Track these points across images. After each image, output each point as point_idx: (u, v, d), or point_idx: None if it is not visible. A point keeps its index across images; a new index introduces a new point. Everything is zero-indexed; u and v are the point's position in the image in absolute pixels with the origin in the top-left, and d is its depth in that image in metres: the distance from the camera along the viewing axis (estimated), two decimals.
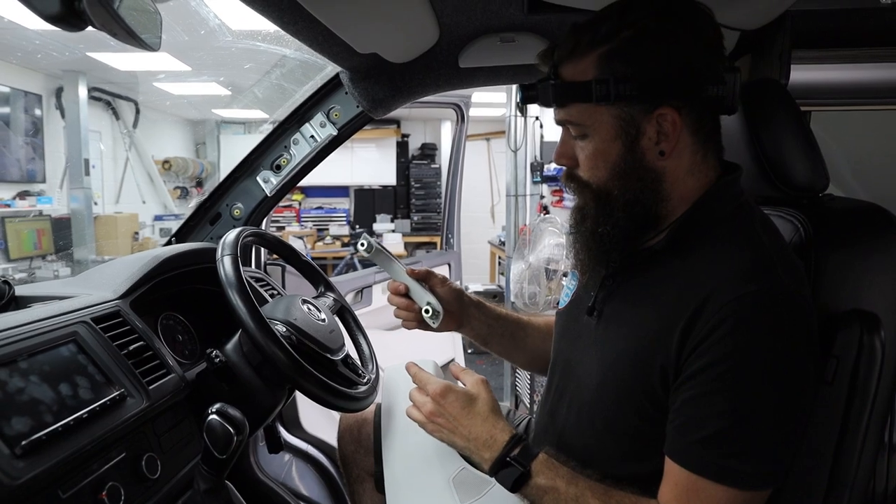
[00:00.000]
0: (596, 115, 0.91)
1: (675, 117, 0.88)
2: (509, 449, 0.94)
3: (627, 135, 0.90)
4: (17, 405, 0.79)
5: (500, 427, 0.97)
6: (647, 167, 0.91)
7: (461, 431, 0.99)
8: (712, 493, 0.82)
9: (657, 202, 0.92)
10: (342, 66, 1.55)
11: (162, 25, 0.90)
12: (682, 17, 0.88)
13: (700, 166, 0.93)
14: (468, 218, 4.89)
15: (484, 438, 0.97)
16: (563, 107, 0.94)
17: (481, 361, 5.06)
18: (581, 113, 0.92)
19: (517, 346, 1.31)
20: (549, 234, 3.43)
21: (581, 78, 0.90)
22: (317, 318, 1.26)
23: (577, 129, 0.94)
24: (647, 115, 0.88)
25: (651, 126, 0.89)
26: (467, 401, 1.00)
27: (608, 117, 0.90)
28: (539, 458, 0.93)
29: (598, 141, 0.92)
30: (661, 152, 0.90)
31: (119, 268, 1.24)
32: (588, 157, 0.94)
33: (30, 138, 5.19)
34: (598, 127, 0.91)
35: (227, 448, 0.93)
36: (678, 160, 0.91)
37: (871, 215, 0.99)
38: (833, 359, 0.89)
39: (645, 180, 0.91)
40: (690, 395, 0.83)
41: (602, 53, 0.88)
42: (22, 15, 3.82)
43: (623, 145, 0.91)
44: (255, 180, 1.70)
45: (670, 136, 0.89)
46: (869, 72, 1.40)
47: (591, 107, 0.90)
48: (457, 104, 2.94)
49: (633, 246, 0.95)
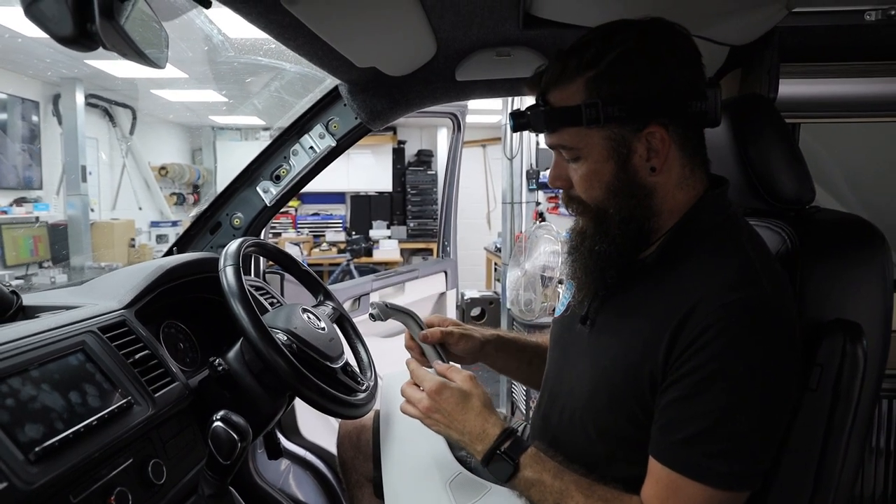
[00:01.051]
0: (587, 138, 0.94)
1: (663, 134, 0.91)
2: (500, 442, 0.98)
3: (619, 154, 0.93)
4: (29, 413, 0.81)
5: (493, 422, 1.01)
6: (639, 184, 0.94)
7: (456, 426, 1.02)
8: (691, 492, 0.85)
9: (649, 217, 0.96)
10: (341, 80, 1.58)
11: (168, 42, 0.93)
12: (661, 38, 0.92)
13: (688, 179, 0.96)
14: (464, 224, 4.91)
15: (477, 432, 1.00)
16: (555, 132, 0.97)
17: (477, 368, 5.08)
18: (572, 137, 0.95)
19: (536, 375, 1.31)
20: (544, 242, 3.45)
21: (570, 102, 0.93)
22: (316, 327, 1.28)
23: (570, 153, 0.97)
24: (637, 134, 0.92)
25: (641, 144, 0.92)
26: (462, 397, 1.03)
27: (599, 139, 0.93)
28: (528, 451, 0.97)
29: (591, 162, 0.95)
30: (652, 168, 0.93)
31: (123, 278, 1.26)
32: (582, 177, 0.97)
33: (27, 145, 5.19)
34: (590, 149, 0.94)
35: (232, 454, 0.96)
36: (668, 175, 0.95)
37: (856, 227, 1.02)
38: (818, 366, 0.92)
39: (638, 196, 0.94)
40: (675, 396, 0.86)
41: (589, 78, 0.91)
42: (20, 22, 3.84)
43: (616, 165, 0.94)
44: (254, 190, 1.72)
45: (660, 153, 0.92)
46: (854, 86, 1.44)
47: (581, 130, 0.93)
48: (453, 114, 2.97)
49: (628, 261, 0.98)
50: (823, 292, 0.97)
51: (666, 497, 0.87)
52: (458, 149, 3.14)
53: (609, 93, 0.90)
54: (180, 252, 1.71)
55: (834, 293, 0.97)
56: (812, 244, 0.99)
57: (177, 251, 1.72)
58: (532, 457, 0.97)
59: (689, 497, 0.85)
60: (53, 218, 5.37)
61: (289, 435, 1.98)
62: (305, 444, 2.00)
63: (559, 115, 0.95)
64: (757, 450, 0.85)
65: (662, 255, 0.95)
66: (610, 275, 0.98)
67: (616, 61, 0.90)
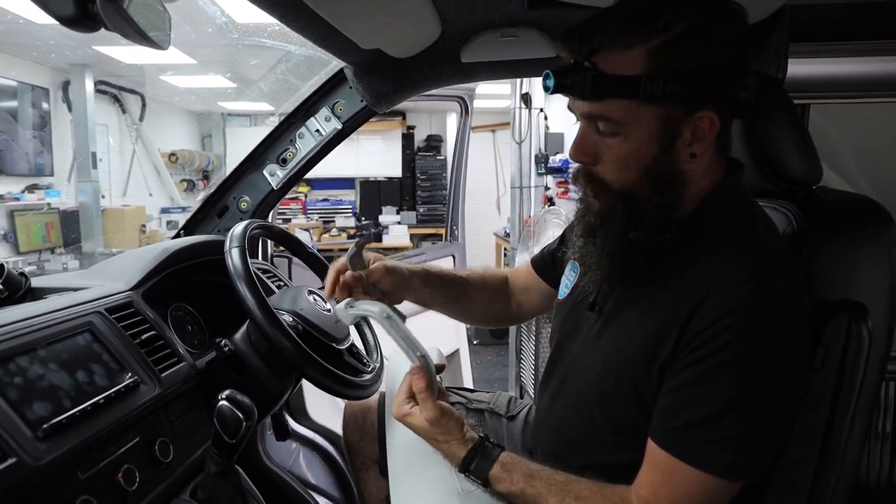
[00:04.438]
0: (637, 114, 0.85)
1: (714, 119, 0.86)
2: (466, 465, 0.98)
3: (666, 136, 0.86)
4: (37, 391, 0.82)
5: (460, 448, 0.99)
6: (677, 170, 0.89)
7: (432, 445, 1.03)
8: (686, 477, 0.84)
9: (678, 206, 0.92)
10: (346, 62, 1.58)
11: (171, 24, 0.93)
12: (726, 16, 0.85)
13: (713, 167, 0.93)
14: (474, 209, 4.90)
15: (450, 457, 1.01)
16: (600, 100, 0.87)
17: (487, 353, 5.10)
18: (620, 109, 0.86)
19: (460, 309, 1.34)
20: (553, 226, 3.45)
21: (627, 72, 0.83)
22: (322, 309, 1.29)
23: (610, 126, 0.88)
24: (689, 117, 0.86)
25: (688, 128, 0.86)
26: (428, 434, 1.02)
27: (650, 117, 0.85)
28: (496, 465, 0.96)
29: (634, 140, 0.87)
30: (692, 154, 0.88)
31: (131, 260, 1.28)
32: (618, 157, 0.89)
33: (37, 132, 5.22)
34: (636, 126, 0.86)
35: (237, 433, 0.97)
36: (701, 162, 0.90)
37: (863, 207, 1.01)
38: (822, 347, 0.91)
39: (675, 183, 0.90)
40: (680, 382, 0.86)
41: (654, 47, 0.82)
42: (28, 9, 3.84)
43: (659, 147, 0.87)
44: (261, 174, 1.73)
45: (705, 139, 0.87)
46: (865, 65, 1.42)
47: (633, 104, 0.85)
48: (461, 97, 2.95)
49: (653, 248, 0.92)
50: (829, 273, 0.96)
51: (660, 482, 0.86)
52: (466, 132, 3.11)
53: (675, 67, 0.82)
54: (188, 235, 1.72)
55: (840, 273, 0.96)
56: (818, 225, 0.99)
57: (184, 234, 1.73)
58: (501, 469, 0.96)
59: (683, 482, 0.84)
60: (65, 204, 5.42)
61: (297, 417, 2.00)
62: (314, 426, 2.02)
63: (612, 84, 0.84)
64: (759, 442, 0.84)
65: (677, 242, 0.92)
66: (639, 262, 0.92)
67: (685, 34, 0.82)
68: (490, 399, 1.43)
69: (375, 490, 1.45)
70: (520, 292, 1.39)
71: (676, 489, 0.85)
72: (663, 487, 0.86)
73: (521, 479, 0.95)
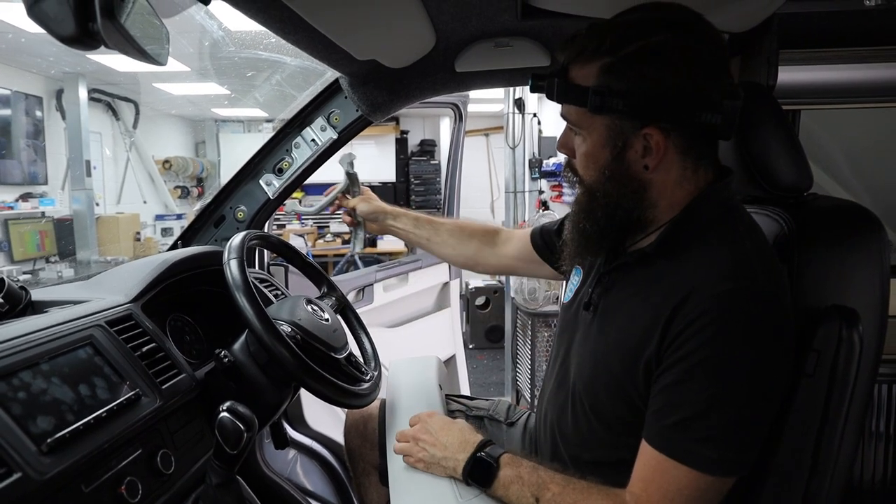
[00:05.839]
0: (590, 121, 0.95)
1: (659, 138, 0.91)
2: (481, 447, 1.06)
3: (615, 145, 0.94)
4: (41, 405, 0.83)
5: (473, 435, 1.11)
6: (631, 177, 0.95)
7: (441, 440, 1.11)
8: (677, 475, 0.87)
9: (642, 208, 0.97)
10: (342, 73, 1.59)
11: (169, 39, 0.94)
12: (688, 40, 0.88)
13: (690, 178, 0.96)
14: (469, 214, 4.90)
15: (459, 442, 1.09)
16: (563, 104, 0.98)
17: (482, 356, 5.11)
18: (577, 115, 0.97)
19: (434, 248, 1.57)
20: None
21: (583, 82, 0.93)
22: (320, 318, 1.30)
23: (575, 128, 0.99)
24: (636, 132, 0.92)
25: (638, 141, 0.92)
26: (447, 420, 1.17)
27: (600, 125, 0.94)
28: (505, 454, 1.04)
29: (590, 144, 0.97)
30: (646, 166, 0.93)
31: (130, 272, 1.28)
32: (582, 154, 0.99)
33: (31, 140, 5.22)
34: (591, 132, 0.96)
35: (238, 444, 0.97)
36: (665, 174, 0.95)
37: (853, 214, 1.03)
38: (814, 352, 0.93)
39: (629, 187, 0.95)
40: (667, 382, 0.88)
41: (604, 64, 0.91)
42: (21, 19, 3.84)
43: (611, 153, 0.94)
44: (257, 183, 1.74)
45: (655, 154, 0.92)
46: (854, 72, 1.44)
47: (586, 111, 0.93)
48: (455, 104, 2.96)
49: (615, 245, 1.02)
50: (820, 279, 0.98)
51: (651, 479, 0.89)
52: (460, 138, 3.13)
53: (616, 85, 0.89)
54: (185, 246, 1.73)
55: (831, 279, 0.98)
56: (809, 231, 1.00)
57: (181, 245, 1.74)
58: (509, 458, 1.04)
59: (673, 479, 0.87)
60: (59, 213, 5.42)
61: (295, 425, 2.01)
62: (312, 433, 2.02)
63: (569, 91, 0.95)
64: (744, 437, 0.86)
65: (661, 244, 0.96)
66: (592, 251, 1.03)
67: (633, 55, 0.88)
68: (489, 406, 1.45)
69: (376, 497, 1.46)
70: (503, 244, 1.52)
71: (667, 486, 0.88)
72: (654, 484, 0.89)
73: (528, 466, 1.01)
